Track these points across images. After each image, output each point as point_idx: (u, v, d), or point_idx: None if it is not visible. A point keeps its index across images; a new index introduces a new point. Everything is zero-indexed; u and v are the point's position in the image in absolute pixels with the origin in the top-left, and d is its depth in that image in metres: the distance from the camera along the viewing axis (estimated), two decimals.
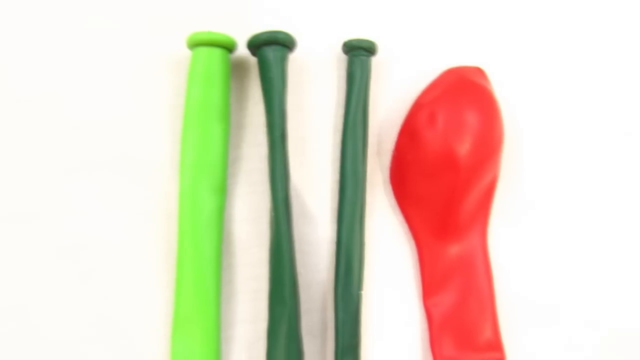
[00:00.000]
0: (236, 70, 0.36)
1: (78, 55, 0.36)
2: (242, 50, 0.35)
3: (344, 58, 0.36)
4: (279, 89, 0.33)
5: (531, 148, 0.37)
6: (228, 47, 0.33)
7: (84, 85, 0.35)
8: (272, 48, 0.33)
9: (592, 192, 0.36)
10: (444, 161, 0.32)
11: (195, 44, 0.33)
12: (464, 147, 0.32)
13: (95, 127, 0.35)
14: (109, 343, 0.32)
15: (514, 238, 0.36)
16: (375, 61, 0.37)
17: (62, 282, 0.33)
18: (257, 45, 0.33)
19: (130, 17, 0.36)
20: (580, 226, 0.36)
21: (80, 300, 0.33)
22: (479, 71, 0.35)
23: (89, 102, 0.35)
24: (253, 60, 0.36)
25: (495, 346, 0.32)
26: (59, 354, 0.32)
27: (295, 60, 0.36)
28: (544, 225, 0.36)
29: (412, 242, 0.35)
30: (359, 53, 0.35)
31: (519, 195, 0.36)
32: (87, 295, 0.33)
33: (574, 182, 0.37)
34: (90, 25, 0.36)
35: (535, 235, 0.36)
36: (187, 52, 0.36)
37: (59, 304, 0.33)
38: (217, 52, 0.33)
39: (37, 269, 0.33)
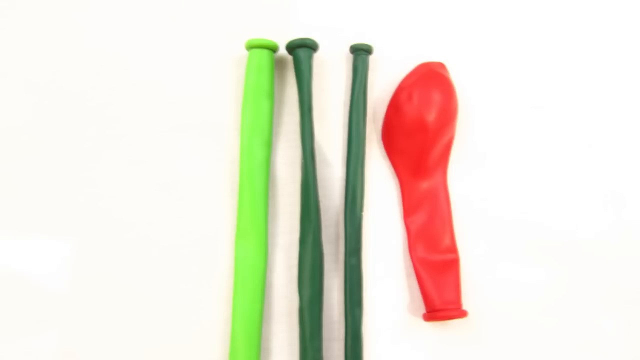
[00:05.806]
0: (278, 64, 0.39)
1: (178, 57, 0.39)
2: (282, 51, 0.39)
3: (350, 56, 0.40)
4: (307, 77, 0.36)
5: (476, 117, 0.40)
6: (273, 49, 0.37)
7: (179, 75, 0.39)
8: (302, 49, 0.36)
9: (516, 144, 0.39)
10: (417, 125, 0.36)
11: (251, 46, 0.37)
12: (431, 116, 0.35)
13: (187, 101, 0.39)
14: (192, 246, 0.36)
15: (464, 177, 0.38)
16: (372, 58, 0.40)
17: (162, 204, 0.36)
18: (293, 47, 0.36)
19: (209, 29, 0.40)
20: (509, 166, 0.38)
21: (174, 217, 0.36)
22: (441, 65, 0.38)
23: (183, 86, 0.39)
24: (289, 57, 0.39)
25: (452, 250, 0.36)
26: (160, 251, 0.35)
27: (318, 58, 0.40)
28: (485, 168, 0.38)
29: (396, 180, 0.38)
30: (360, 53, 0.38)
31: (468, 149, 0.39)
32: (179, 213, 0.36)
33: (504, 138, 0.39)
34: (188, 37, 0.40)
35: (479, 175, 0.38)
36: (245, 53, 0.39)
37: (159, 218, 0.36)
38: (265, 52, 0.37)
39: (146, 195, 0.37)
